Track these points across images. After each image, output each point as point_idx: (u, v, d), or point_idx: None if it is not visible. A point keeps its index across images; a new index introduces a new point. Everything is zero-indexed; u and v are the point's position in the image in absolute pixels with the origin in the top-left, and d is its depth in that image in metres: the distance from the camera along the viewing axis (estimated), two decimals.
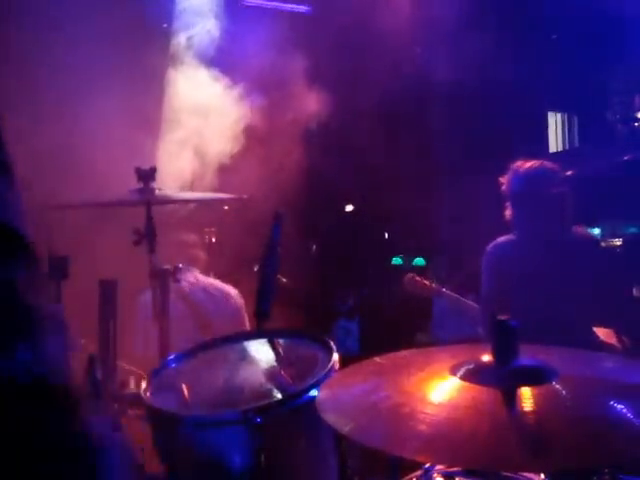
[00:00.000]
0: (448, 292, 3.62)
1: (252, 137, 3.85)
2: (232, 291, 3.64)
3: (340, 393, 1.38)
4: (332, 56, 4.35)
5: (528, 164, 3.09)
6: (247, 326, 3.49)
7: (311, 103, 4.05)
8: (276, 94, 3.90)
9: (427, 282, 3.68)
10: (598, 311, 2.98)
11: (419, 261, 8.98)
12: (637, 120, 6.59)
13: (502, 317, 1.30)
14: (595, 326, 3.01)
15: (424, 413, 1.19)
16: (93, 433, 0.85)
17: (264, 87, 3.93)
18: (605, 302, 2.94)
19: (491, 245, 3.15)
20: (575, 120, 8.08)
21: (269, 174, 3.82)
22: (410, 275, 3.73)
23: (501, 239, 3.16)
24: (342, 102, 4.28)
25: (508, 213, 3.11)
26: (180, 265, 2.65)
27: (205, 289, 3.48)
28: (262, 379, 1.81)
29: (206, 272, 3.66)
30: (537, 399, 1.20)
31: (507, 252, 3.10)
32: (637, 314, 3.07)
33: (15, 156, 0.88)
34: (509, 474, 1.61)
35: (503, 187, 3.12)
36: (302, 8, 4.67)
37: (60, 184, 2.90)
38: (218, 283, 3.63)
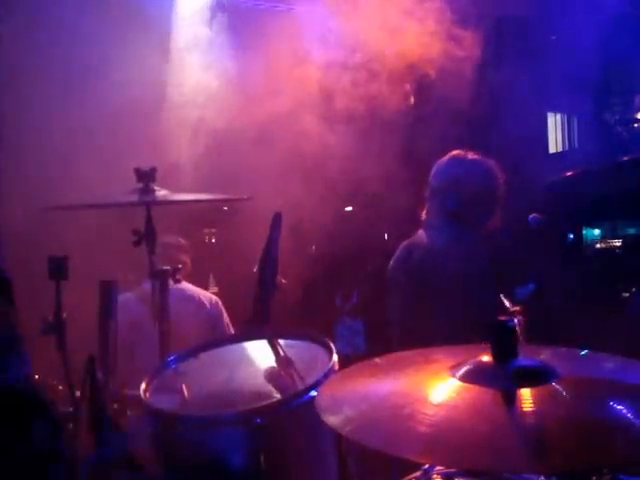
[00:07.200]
0: None
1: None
2: (207, 299, 3.54)
3: (340, 394, 1.38)
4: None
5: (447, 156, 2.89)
6: (227, 333, 3.43)
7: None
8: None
9: None
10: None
11: None
12: (636, 121, 6.58)
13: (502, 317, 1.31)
14: None
15: (424, 414, 1.19)
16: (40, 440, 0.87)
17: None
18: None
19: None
20: (575, 120, 8.06)
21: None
22: None
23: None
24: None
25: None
26: (180, 266, 2.65)
27: (173, 295, 3.35)
28: (262, 380, 1.81)
29: (190, 277, 3.55)
30: (537, 400, 1.20)
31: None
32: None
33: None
34: (509, 475, 1.61)
35: None
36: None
37: (60, 184, 2.90)
38: (194, 290, 3.54)
